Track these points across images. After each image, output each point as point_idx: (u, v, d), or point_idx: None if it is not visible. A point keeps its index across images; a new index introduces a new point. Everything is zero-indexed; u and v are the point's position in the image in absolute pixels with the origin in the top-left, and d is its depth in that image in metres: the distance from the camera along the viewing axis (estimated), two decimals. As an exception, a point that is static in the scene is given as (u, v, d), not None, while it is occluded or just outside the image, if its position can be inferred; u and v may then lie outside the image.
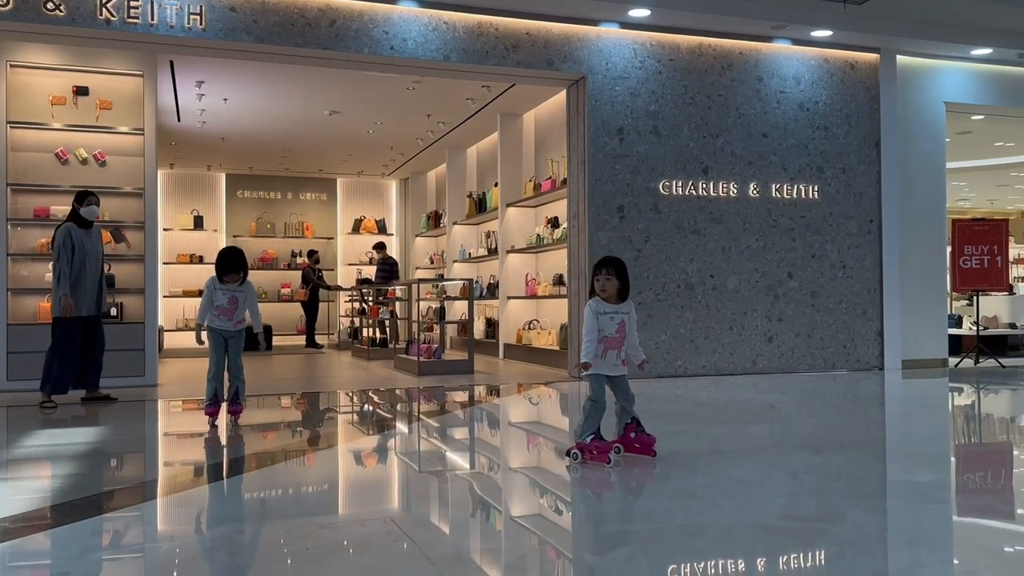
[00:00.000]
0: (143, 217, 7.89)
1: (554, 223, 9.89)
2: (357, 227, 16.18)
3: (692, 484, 3.69)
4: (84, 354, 6.62)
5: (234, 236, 15.33)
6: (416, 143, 12.98)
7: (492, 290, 11.52)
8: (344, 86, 9.62)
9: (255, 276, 15.26)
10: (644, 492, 3.51)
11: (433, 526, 3.23)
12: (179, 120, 11.15)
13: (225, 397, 5.56)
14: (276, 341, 14.03)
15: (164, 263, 13.74)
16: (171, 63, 8.63)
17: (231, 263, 5.40)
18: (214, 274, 5.43)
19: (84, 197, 6.61)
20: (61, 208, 7.75)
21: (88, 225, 6.59)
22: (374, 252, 14.16)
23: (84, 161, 7.86)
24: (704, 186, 8.47)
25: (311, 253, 14.32)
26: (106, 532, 3.11)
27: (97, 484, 4.03)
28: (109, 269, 7.90)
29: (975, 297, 10.21)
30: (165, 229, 14.49)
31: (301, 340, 14.45)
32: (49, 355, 6.48)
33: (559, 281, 9.65)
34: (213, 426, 5.39)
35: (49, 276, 7.25)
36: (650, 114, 8.32)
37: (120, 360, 7.65)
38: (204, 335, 5.48)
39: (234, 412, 5.49)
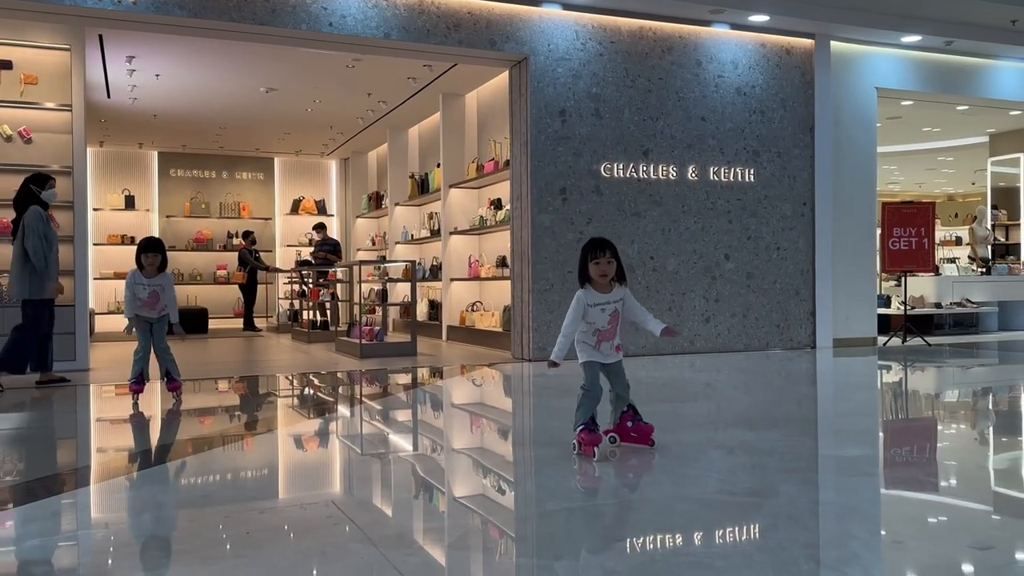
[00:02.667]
0: (72, 197, 7.63)
1: (497, 205, 9.88)
2: (296, 207, 15.92)
3: (632, 461, 3.76)
4: (46, 337, 6.69)
5: (167, 216, 14.95)
6: (356, 122, 12.81)
7: (435, 272, 11.48)
8: (281, 63, 9.43)
9: (190, 257, 14.94)
10: (585, 470, 3.56)
11: (375, 508, 3.23)
12: (109, 96, 10.78)
13: (148, 378, 5.82)
14: (213, 324, 13.76)
15: (94, 244, 13.33)
16: (100, 37, 8.33)
17: (150, 246, 5.70)
18: (135, 267, 5.73)
19: (45, 180, 6.66)
20: (-16, 187, 7.45)
21: (47, 208, 6.64)
22: (314, 233, 13.96)
23: (8, 138, 7.56)
24: (644, 169, 8.57)
25: (247, 234, 14.03)
26: (39, 520, 3.03)
27: (29, 471, 3.92)
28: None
29: (903, 278, 10.56)
30: (95, 209, 14.03)
31: (239, 323, 14.19)
32: (22, 337, 6.48)
33: (502, 263, 9.66)
34: (135, 404, 5.62)
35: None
36: (592, 96, 8.36)
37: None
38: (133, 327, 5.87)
39: (173, 389, 5.80)
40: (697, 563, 2.43)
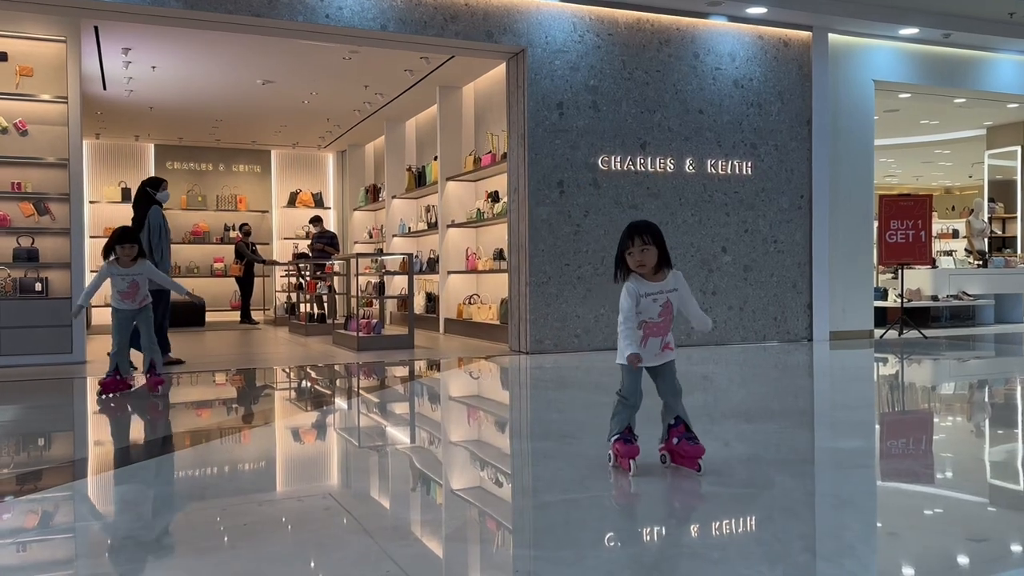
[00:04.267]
0: (68, 189, 7.62)
1: (494, 197, 9.87)
2: (293, 200, 15.90)
3: (606, 439, 3.76)
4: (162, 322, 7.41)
5: (164, 209, 14.90)
6: (353, 115, 12.78)
7: (432, 265, 11.48)
8: (278, 55, 9.40)
9: (186, 250, 14.92)
10: (582, 462, 3.57)
11: (372, 500, 3.23)
12: (105, 88, 10.74)
13: (128, 373, 5.73)
14: (210, 317, 13.74)
15: (91, 237, 13.30)
16: (96, 29, 8.30)
17: (123, 236, 5.51)
18: (110, 261, 5.52)
19: (159, 183, 7.62)
20: (-21, 179, 7.45)
21: (160, 207, 7.58)
22: (311, 226, 13.95)
23: (4, 130, 7.54)
24: (642, 161, 8.56)
25: (242, 226, 14.04)
26: (36, 513, 3.03)
27: (25, 463, 3.92)
28: (32, 243, 7.64)
29: (900, 270, 10.57)
30: (91, 202, 14.02)
31: (236, 316, 14.19)
32: (161, 325, 7.16)
33: (499, 256, 9.66)
34: (102, 398, 5.49)
35: None
36: (589, 88, 8.35)
37: (47, 337, 7.41)
38: (79, 313, 5.87)
39: (154, 384, 5.63)
40: (693, 554, 2.44)
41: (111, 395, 5.53)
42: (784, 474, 3.34)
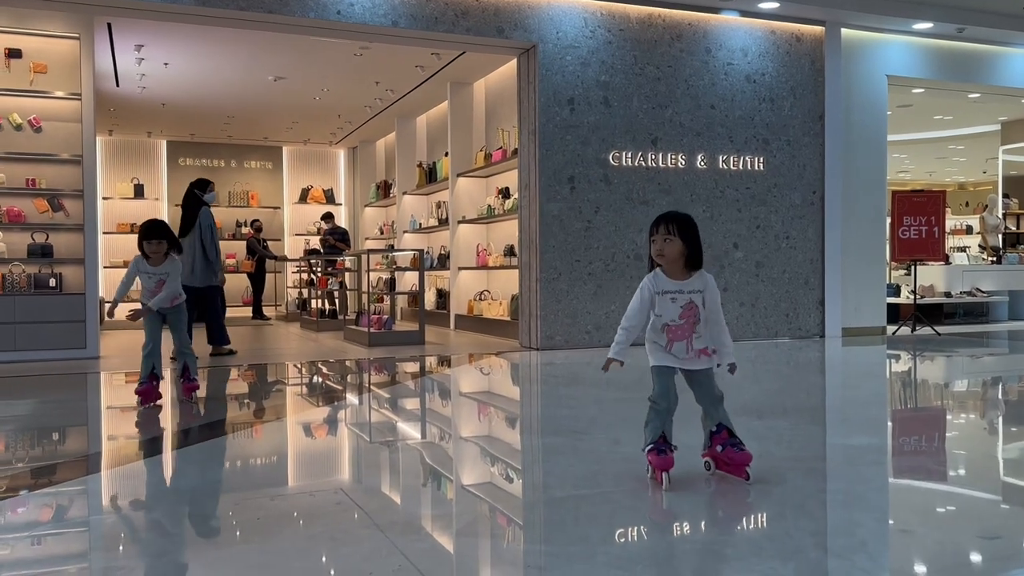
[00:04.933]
0: (81, 185, 7.66)
1: (505, 193, 9.87)
2: (304, 196, 15.93)
3: (640, 448, 3.76)
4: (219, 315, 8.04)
5: (176, 205, 14.92)
6: (364, 111, 12.79)
7: (443, 261, 11.49)
8: (289, 51, 9.42)
9: (200, 246, 14.90)
10: (592, 458, 3.57)
11: (384, 495, 3.24)
12: (118, 85, 10.79)
13: (162, 376, 5.23)
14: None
15: (104, 233, 13.38)
16: (109, 25, 8.33)
17: (153, 231, 4.96)
18: (138, 257, 5.03)
19: (206, 184, 8.02)
20: (-6, 175, 7.51)
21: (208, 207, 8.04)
22: (322, 223, 13.99)
23: (18, 127, 7.59)
24: (653, 157, 8.54)
25: (254, 223, 14.10)
26: (50, 506, 3.05)
27: (40, 457, 3.95)
28: (47, 239, 7.69)
29: (913, 267, 10.51)
30: (104, 198, 14.08)
31: (248, 312, 14.24)
32: (217, 315, 7.86)
33: (510, 252, 9.66)
34: (143, 408, 4.94)
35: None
36: (600, 84, 8.33)
37: (61, 332, 7.46)
38: (116, 310, 5.10)
39: (189, 389, 5.17)
40: (705, 550, 2.44)
41: (151, 404, 4.99)
42: (796, 471, 3.33)
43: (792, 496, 2.95)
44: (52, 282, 7.55)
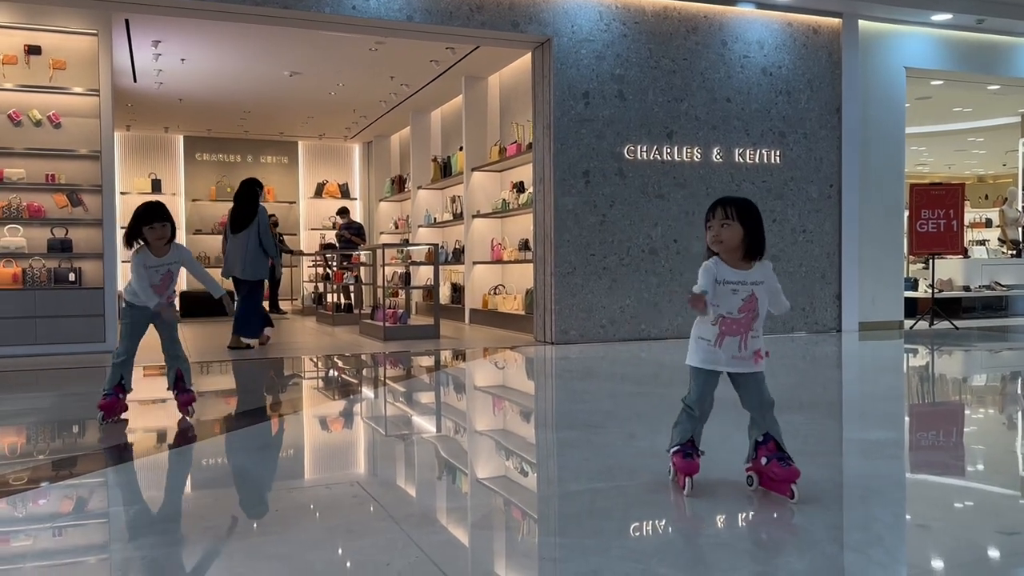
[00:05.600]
0: (100, 180, 7.73)
1: (520, 188, 9.87)
2: (320, 191, 15.99)
3: (655, 443, 3.76)
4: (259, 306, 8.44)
5: (193, 200, 15.09)
6: (379, 106, 12.82)
7: (457, 255, 11.50)
8: (305, 46, 9.45)
9: (216, 241, 15.02)
10: (607, 452, 3.58)
11: (399, 488, 3.26)
12: (135, 81, 10.87)
13: (130, 388, 4.43)
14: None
15: (122, 227, 13.43)
16: (126, 22, 8.39)
17: (155, 213, 4.13)
18: (138, 250, 4.18)
19: (260, 184, 8.49)
20: (15, 171, 7.58)
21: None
22: (338, 218, 14.03)
23: (38, 123, 7.66)
24: (668, 151, 8.51)
25: (270, 217, 14.14)
26: (70, 498, 3.09)
27: (60, 450, 4.00)
28: (66, 234, 7.76)
29: (931, 260, 10.43)
30: (122, 193, 14.18)
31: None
32: (251, 307, 8.18)
33: (524, 246, 9.66)
34: (104, 423, 4.27)
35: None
36: (615, 78, 8.30)
37: (80, 326, 7.54)
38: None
39: (185, 402, 4.39)
40: (720, 544, 2.44)
41: (113, 419, 4.33)
42: (812, 465, 3.31)
43: (808, 490, 2.94)
44: (71, 277, 7.63)
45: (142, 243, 4.17)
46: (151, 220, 4.11)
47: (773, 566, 2.21)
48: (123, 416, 4.42)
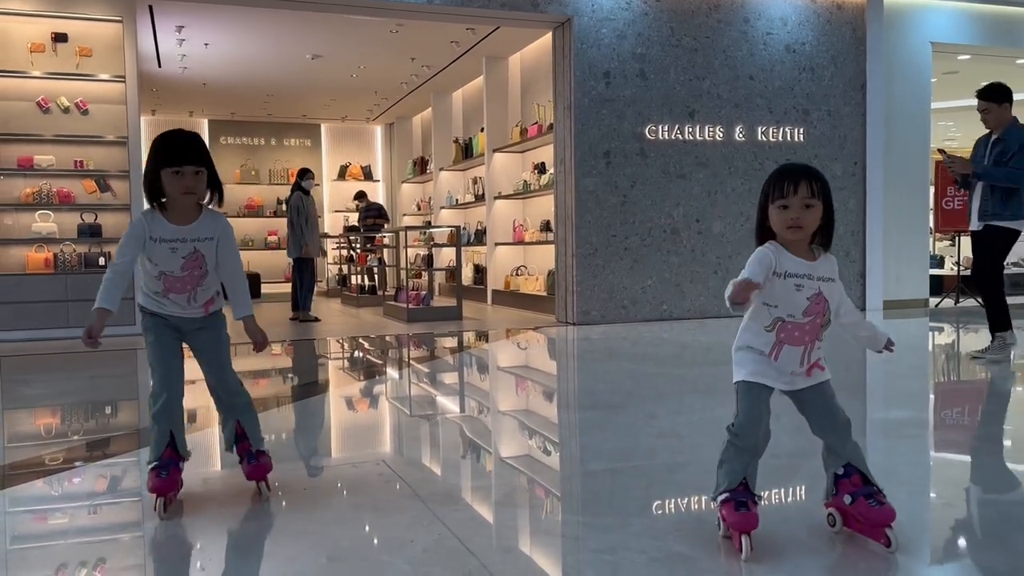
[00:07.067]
0: (127, 166, 7.84)
1: (541, 169, 9.88)
2: (343, 173, 16.08)
3: (675, 423, 3.80)
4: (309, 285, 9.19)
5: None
6: (401, 87, 12.84)
7: (480, 236, 11.55)
8: (326, 30, 9.49)
9: (241, 224, 15.16)
10: (627, 432, 3.62)
11: (424, 467, 3.33)
12: (160, 66, 10.97)
13: (187, 456, 2.73)
14: (265, 289, 14.04)
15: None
16: (150, 8, 8.47)
17: (187, 146, 2.61)
18: (144, 211, 2.67)
19: (304, 173, 9.29)
20: (45, 158, 7.71)
21: (307, 193, 9.21)
22: (357, 202, 14.11)
23: (66, 110, 7.77)
24: (690, 130, 8.47)
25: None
26: (103, 478, 3.19)
27: (94, 431, 4.11)
28: (96, 219, 7.89)
29: (956, 238, 10.31)
30: (149, 177, 14.34)
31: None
32: (304, 283, 9.12)
33: (546, 227, 9.68)
34: (162, 512, 2.55)
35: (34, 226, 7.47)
36: (636, 57, 8.27)
37: (110, 310, 7.68)
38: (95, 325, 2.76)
39: (257, 473, 2.76)
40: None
41: (170, 498, 2.62)
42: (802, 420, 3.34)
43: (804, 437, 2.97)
44: (101, 261, 7.77)
45: (156, 204, 2.63)
46: (177, 159, 2.55)
47: (792, 541, 2.24)
48: (177, 495, 2.71)
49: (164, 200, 2.63)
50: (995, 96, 5.55)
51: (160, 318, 2.73)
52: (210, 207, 2.71)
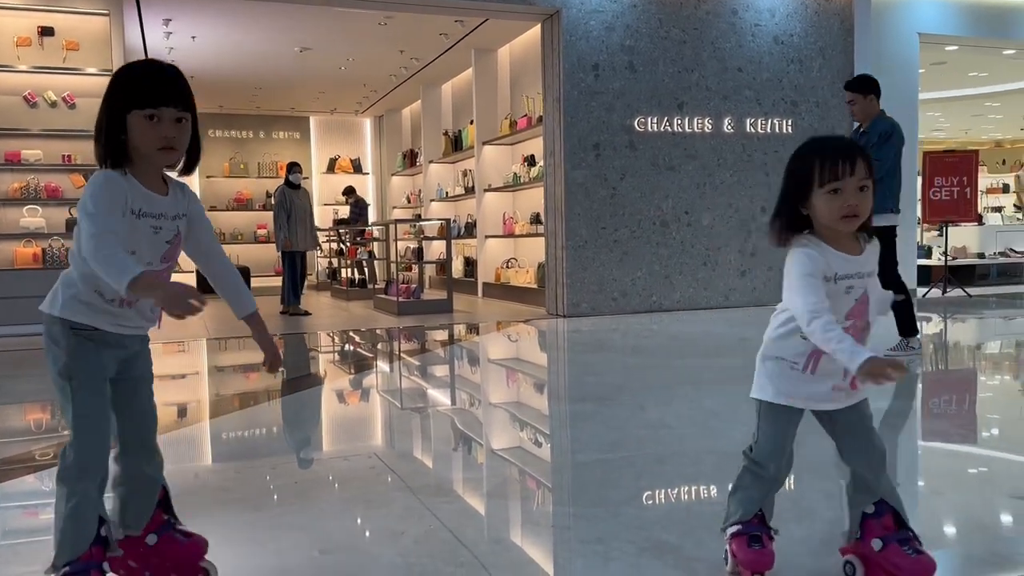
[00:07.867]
0: (115, 160, 7.80)
1: (531, 161, 9.88)
2: (332, 166, 16.03)
3: (664, 414, 3.84)
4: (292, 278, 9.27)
5: (207, 177, 15.17)
6: (390, 80, 12.81)
7: (470, 229, 11.55)
8: (314, 22, 9.45)
9: (230, 217, 15.12)
10: (617, 424, 3.65)
11: (415, 459, 3.36)
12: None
13: (115, 536, 1.98)
14: (255, 282, 14.00)
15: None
16: (137, 1, 8.42)
17: (169, 82, 1.88)
18: (108, 170, 1.83)
19: (292, 167, 9.32)
20: (32, 152, 7.67)
21: (296, 187, 9.20)
22: (345, 197, 14.08)
23: (53, 104, 7.73)
24: (679, 122, 8.49)
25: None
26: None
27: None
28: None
29: (944, 228, 10.39)
30: (137, 171, 14.28)
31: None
32: (290, 276, 9.23)
33: (536, 219, 9.70)
34: None
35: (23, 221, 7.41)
36: (625, 49, 8.27)
37: (99, 304, 7.66)
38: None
39: (198, 549, 2.10)
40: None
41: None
42: (815, 433, 3.37)
43: (810, 458, 3.00)
44: (90, 256, 7.74)
45: (118, 163, 1.83)
46: (152, 98, 1.82)
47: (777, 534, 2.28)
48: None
49: (133, 155, 1.81)
50: (860, 87, 5.42)
51: (94, 342, 1.82)
52: (172, 175, 1.90)
